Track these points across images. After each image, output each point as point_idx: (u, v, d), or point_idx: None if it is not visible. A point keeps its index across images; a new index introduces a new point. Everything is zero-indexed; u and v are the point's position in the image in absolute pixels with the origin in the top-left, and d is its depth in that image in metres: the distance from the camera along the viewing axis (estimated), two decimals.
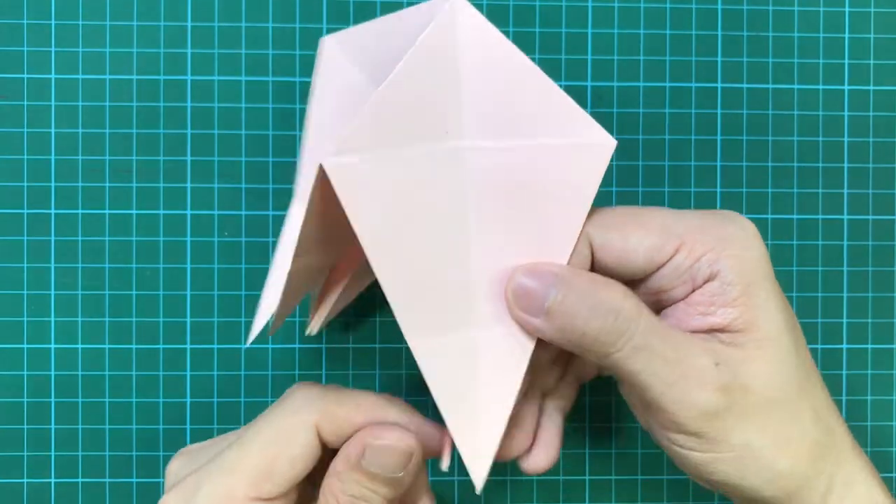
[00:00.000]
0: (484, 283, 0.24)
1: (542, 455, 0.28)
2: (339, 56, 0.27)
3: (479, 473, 0.25)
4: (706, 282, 0.24)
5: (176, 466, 0.27)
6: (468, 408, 0.24)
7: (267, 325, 0.28)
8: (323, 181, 0.23)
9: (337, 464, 0.25)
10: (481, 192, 0.24)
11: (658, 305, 0.26)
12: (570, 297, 0.24)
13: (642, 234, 0.25)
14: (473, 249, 0.24)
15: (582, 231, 0.25)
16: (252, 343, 0.30)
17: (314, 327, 0.29)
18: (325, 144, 0.27)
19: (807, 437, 0.24)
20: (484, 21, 0.24)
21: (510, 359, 0.25)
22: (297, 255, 0.24)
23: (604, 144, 0.24)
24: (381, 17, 0.27)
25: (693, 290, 0.25)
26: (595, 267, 0.25)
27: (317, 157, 0.26)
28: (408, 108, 0.23)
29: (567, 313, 0.24)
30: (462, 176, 0.24)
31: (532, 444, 0.28)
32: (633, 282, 0.25)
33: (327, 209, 0.24)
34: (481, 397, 0.25)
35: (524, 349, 0.25)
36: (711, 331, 0.24)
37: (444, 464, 0.26)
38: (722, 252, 0.24)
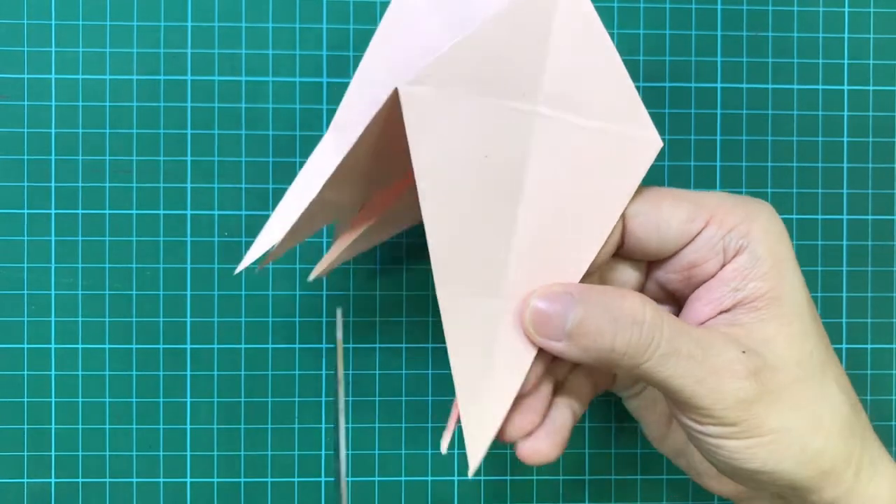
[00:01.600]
0: (521, 253, 0.25)
1: (541, 443, 0.27)
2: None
3: (477, 447, 0.25)
4: (736, 255, 0.25)
5: None
6: (479, 373, 0.25)
7: (262, 258, 0.28)
8: (391, 109, 0.23)
9: None
10: (540, 161, 0.24)
11: (689, 283, 0.26)
12: (591, 316, 0.24)
13: (674, 205, 0.25)
14: (519, 214, 0.24)
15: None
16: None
17: (316, 272, 0.29)
18: (379, 75, 0.27)
19: (837, 415, 0.24)
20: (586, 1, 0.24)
21: (523, 344, 0.25)
22: (328, 185, 0.24)
23: (650, 142, 0.25)
24: None
25: (724, 265, 0.25)
26: (626, 240, 0.26)
27: (371, 87, 0.27)
28: (491, 59, 0.23)
29: (590, 333, 0.24)
30: (527, 139, 0.24)
31: (534, 431, 0.27)
32: (663, 261, 0.26)
33: (382, 140, 0.24)
34: (495, 366, 0.25)
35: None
36: (741, 304, 0.25)
37: (444, 446, 0.26)
38: (752, 224, 0.25)
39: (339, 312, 0.25)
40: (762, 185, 0.34)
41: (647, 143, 0.25)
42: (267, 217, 0.33)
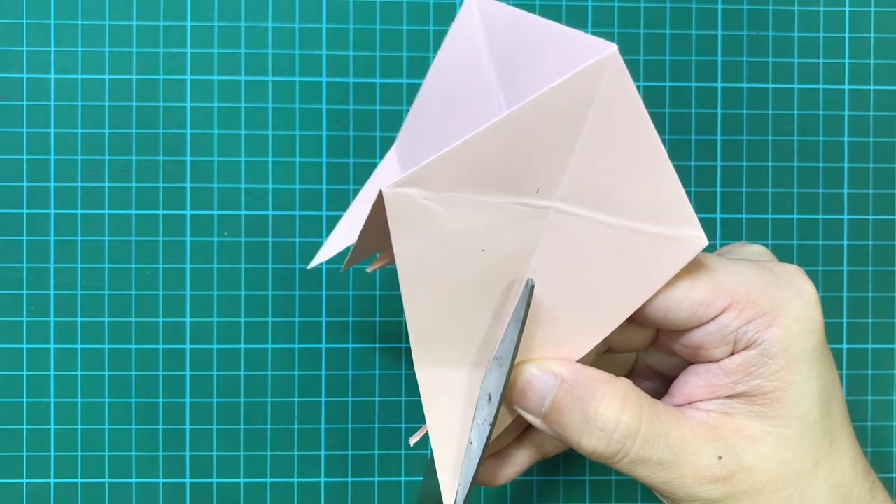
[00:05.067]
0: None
1: (490, 469, 0.27)
2: (478, 26, 0.25)
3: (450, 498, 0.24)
4: (746, 348, 0.23)
5: None
6: (456, 446, 0.24)
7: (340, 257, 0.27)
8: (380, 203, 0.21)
9: None
10: (549, 255, 0.22)
11: (695, 357, 0.24)
12: (565, 408, 0.23)
13: (690, 285, 0.23)
14: (515, 307, 0.23)
15: None
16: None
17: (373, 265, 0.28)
18: (425, 118, 0.26)
19: None
20: (630, 83, 0.21)
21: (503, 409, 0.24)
22: (361, 234, 0.24)
23: (694, 241, 0.22)
24: (535, 16, 0.23)
25: (731, 354, 0.23)
26: (632, 314, 0.24)
27: (413, 130, 0.25)
28: (506, 156, 0.21)
29: (560, 424, 0.23)
30: (536, 235, 0.22)
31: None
32: (672, 332, 0.24)
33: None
34: (471, 436, 0.24)
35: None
36: (739, 396, 0.23)
37: (413, 440, 0.26)
38: (775, 318, 0.22)
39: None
40: (762, 185, 0.34)
41: (690, 243, 0.22)
42: (266, 216, 0.33)
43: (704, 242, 0.22)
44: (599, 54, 0.20)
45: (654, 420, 0.23)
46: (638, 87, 0.25)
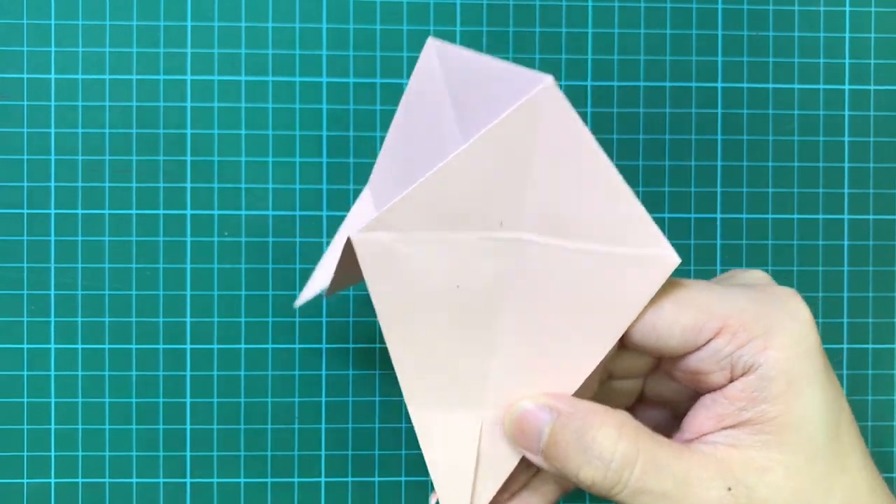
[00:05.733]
0: (501, 373, 0.23)
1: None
2: (437, 69, 0.25)
3: None
4: (744, 374, 0.22)
5: None
6: (462, 488, 0.24)
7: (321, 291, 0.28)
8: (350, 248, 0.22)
9: None
10: (524, 286, 0.23)
11: (697, 385, 0.24)
12: (562, 441, 0.22)
13: (679, 311, 0.23)
14: (500, 339, 0.23)
15: None
16: (299, 309, 0.30)
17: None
18: (395, 157, 0.27)
19: None
20: (571, 111, 0.22)
21: (507, 448, 0.24)
22: (337, 270, 0.24)
23: (665, 259, 0.22)
24: (485, 57, 0.24)
25: (731, 381, 0.23)
26: (624, 341, 0.24)
27: (384, 170, 0.26)
28: (464, 192, 0.22)
29: (558, 457, 0.23)
30: (509, 267, 0.23)
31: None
32: (672, 358, 0.24)
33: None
34: (477, 479, 0.24)
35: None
36: (746, 424, 0.23)
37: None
38: (770, 340, 0.22)
39: None
40: (763, 185, 0.34)
41: (662, 261, 0.22)
42: (266, 216, 0.33)
43: (676, 260, 0.22)
44: (535, 88, 0.21)
45: (654, 450, 0.22)
46: (638, 88, 0.25)
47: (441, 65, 0.25)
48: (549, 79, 0.21)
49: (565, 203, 0.22)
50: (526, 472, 0.27)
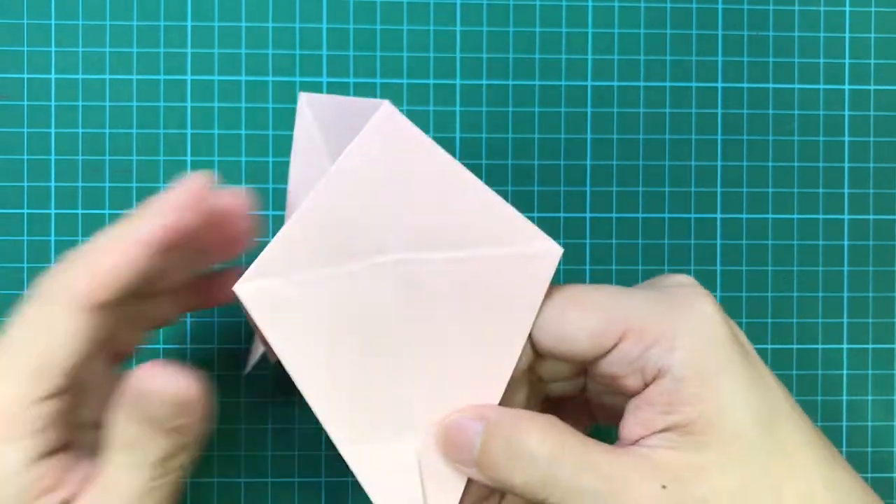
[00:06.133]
0: (423, 395, 0.23)
1: None
2: (311, 120, 0.26)
3: None
4: (656, 378, 0.22)
5: None
6: None
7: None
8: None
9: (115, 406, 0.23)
10: (420, 305, 0.23)
11: (620, 391, 0.24)
12: (492, 449, 0.22)
13: (582, 316, 0.23)
14: (411, 363, 0.23)
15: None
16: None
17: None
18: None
19: None
20: (414, 130, 0.23)
21: (449, 469, 0.24)
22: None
23: (549, 253, 0.23)
24: (348, 98, 0.26)
25: (646, 385, 0.23)
26: (536, 351, 0.24)
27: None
28: (334, 225, 0.22)
29: (491, 466, 0.22)
30: (400, 290, 0.23)
31: None
32: (588, 364, 0.24)
33: None
34: (427, 497, 0.24)
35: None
36: (674, 427, 0.22)
37: None
38: (675, 340, 0.22)
39: None
40: (763, 185, 0.34)
41: (546, 254, 0.23)
42: (266, 216, 0.33)
43: (559, 250, 0.23)
44: (374, 114, 0.22)
45: (582, 450, 0.22)
46: (638, 88, 0.25)
47: (314, 116, 0.26)
48: (385, 103, 0.22)
49: (436, 217, 0.23)
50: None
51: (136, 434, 0.22)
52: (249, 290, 0.22)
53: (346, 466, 0.34)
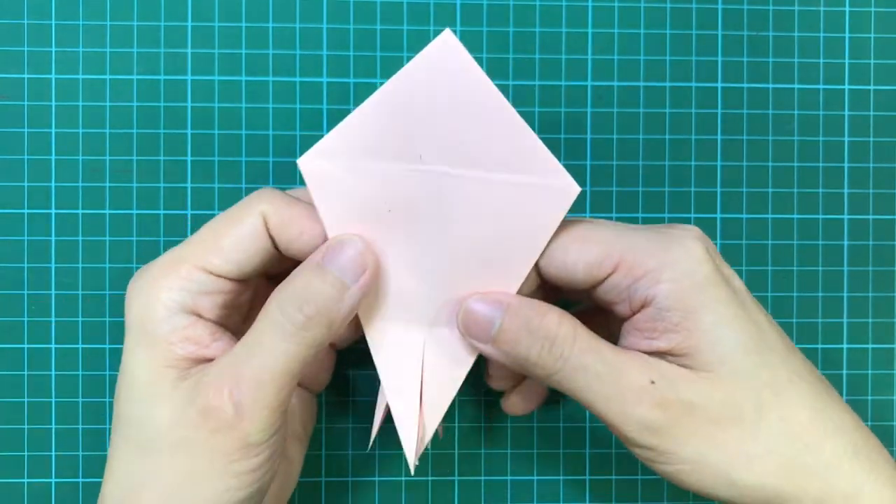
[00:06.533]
0: (438, 293, 0.26)
1: (517, 403, 0.31)
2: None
3: (411, 455, 0.27)
4: (643, 307, 0.25)
5: None
6: (410, 397, 0.27)
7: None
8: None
9: (296, 268, 0.25)
10: (448, 213, 0.26)
11: (615, 317, 0.26)
12: (512, 326, 0.25)
13: (582, 249, 0.25)
14: (431, 261, 0.26)
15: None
16: None
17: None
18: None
19: (774, 455, 0.24)
20: (468, 58, 0.25)
21: (455, 359, 0.27)
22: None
23: (567, 189, 0.25)
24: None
25: (633, 313, 0.25)
26: (541, 277, 0.26)
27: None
28: (386, 128, 0.25)
29: (510, 341, 0.25)
30: (433, 196, 0.25)
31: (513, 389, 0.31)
32: (589, 290, 0.26)
33: None
34: (424, 389, 0.27)
35: (469, 355, 0.27)
36: (659, 353, 0.25)
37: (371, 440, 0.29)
38: (662, 273, 0.24)
39: None
40: (762, 184, 0.34)
41: (565, 191, 0.25)
42: None
43: (577, 189, 0.25)
44: (437, 37, 0.25)
45: (589, 336, 0.25)
46: (638, 88, 0.25)
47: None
48: (447, 31, 0.25)
49: (474, 139, 0.25)
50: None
51: (308, 290, 0.24)
52: (310, 165, 0.25)
53: (347, 467, 0.34)
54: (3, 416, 0.33)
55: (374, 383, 0.34)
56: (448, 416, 0.27)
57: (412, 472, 0.27)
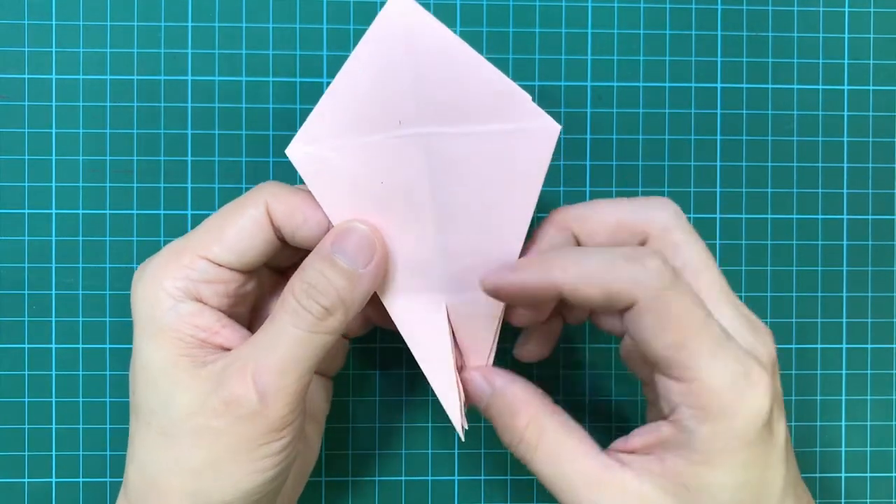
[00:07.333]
0: (448, 255, 0.27)
1: (532, 348, 0.30)
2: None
3: (457, 418, 0.27)
4: (677, 428, 0.24)
5: None
6: (444, 362, 0.27)
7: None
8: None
9: (306, 258, 0.26)
10: (438, 174, 0.26)
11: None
12: (494, 410, 0.27)
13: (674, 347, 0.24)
14: (434, 226, 0.26)
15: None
16: None
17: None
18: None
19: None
20: (425, 14, 0.25)
21: (480, 320, 0.27)
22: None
23: (548, 129, 0.25)
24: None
25: (665, 418, 0.25)
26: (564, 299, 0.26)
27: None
28: (359, 100, 0.25)
29: (492, 418, 0.27)
30: (421, 159, 0.25)
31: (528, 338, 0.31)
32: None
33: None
34: (462, 341, 0.28)
35: (495, 310, 0.27)
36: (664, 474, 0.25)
37: (460, 427, 0.28)
38: (713, 418, 0.23)
39: None
40: (762, 185, 0.34)
41: (544, 130, 0.25)
42: None
43: (557, 127, 0.25)
44: (389, 2, 0.25)
45: (556, 444, 0.26)
46: (637, 88, 0.25)
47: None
48: None
49: (448, 94, 0.25)
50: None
51: (319, 277, 0.25)
52: (297, 153, 0.26)
53: (347, 467, 0.34)
54: (3, 416, 0.33)
55: (373, 383, 0.34)
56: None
57: (462, 439, 0.28)
